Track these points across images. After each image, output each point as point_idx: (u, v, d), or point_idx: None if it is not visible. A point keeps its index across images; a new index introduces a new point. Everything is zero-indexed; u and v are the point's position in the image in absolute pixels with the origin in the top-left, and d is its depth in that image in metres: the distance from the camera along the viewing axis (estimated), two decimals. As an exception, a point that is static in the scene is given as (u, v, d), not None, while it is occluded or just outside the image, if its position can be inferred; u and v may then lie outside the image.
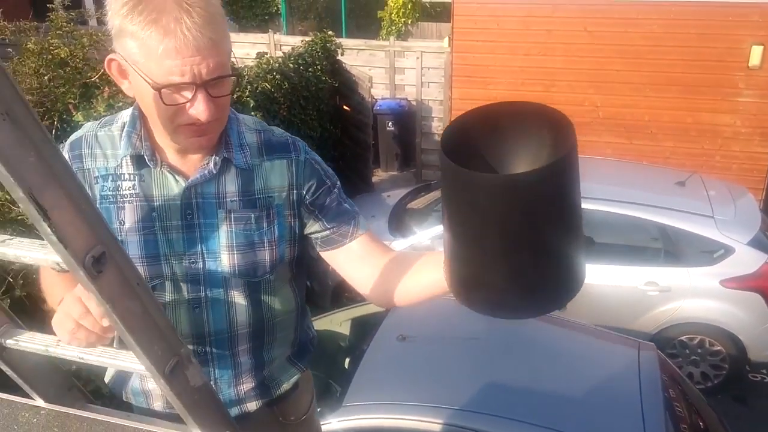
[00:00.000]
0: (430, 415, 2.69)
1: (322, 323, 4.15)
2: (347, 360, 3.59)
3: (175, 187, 1.22)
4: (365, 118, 7.42)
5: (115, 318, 0.83)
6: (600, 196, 4.93)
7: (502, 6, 7.44)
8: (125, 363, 1.00)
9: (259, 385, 1.41)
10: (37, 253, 0.80)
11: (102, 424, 1.14)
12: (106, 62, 1.14)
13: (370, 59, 8.48)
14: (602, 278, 4.68)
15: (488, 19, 7.44)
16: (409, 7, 12.15)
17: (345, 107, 7.50)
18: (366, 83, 7.19)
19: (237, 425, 1.25)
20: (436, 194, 6.04)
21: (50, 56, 4.02)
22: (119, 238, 1.21)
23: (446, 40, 8.20)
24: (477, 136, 0.96)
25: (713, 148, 7.02)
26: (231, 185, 1.25)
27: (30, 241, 0.83)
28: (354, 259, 1.33)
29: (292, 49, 6.90)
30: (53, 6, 4.43)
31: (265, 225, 1.27)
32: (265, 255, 1.28)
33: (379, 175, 8.69)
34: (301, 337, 1.48)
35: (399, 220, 5.57)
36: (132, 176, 1.21)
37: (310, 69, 6.58)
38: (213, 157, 1.22)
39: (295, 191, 1.29)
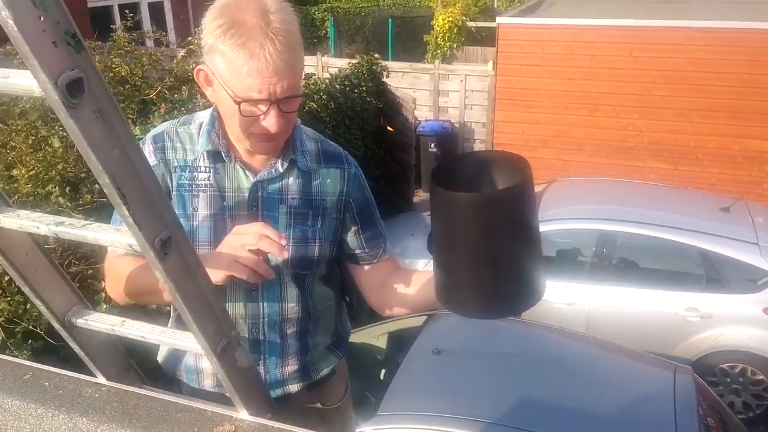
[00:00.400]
0: (462, 427, 2.74)
1: (360, 336, 4.24)
2: (383, 372, 3.67)
3: (245, 181, 1.38)
4: (408, 139, 7.54)
5: (177, 296, 0.95)
6: (642, 220, 4.92)
7: (547, 30, 7.51)
8: (181, 342, 1.12)
9: (301, 368, 1.52)
10: (113, 236, 0.92)
11: (157, 401, 1.26)
12: (195, 71, 1.31)
13: (414, 82, 8.63)
14: (642, 303, 4.66)
15: (533, 43, 7.52)
16: (455, 31, 12.30)
17: (389, 128, 7.65)
18: (410, 104, 7.33)
19: (278, 408, 1.36)
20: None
21: (112, 74, 4.26)
22: (192, 223, 1.36)
23: (490, 63, 8.30)
24: (459, 171, 1.17)
25: (760, 175, 6.91)
26: (293, 185, 1.40)
27: (106, 226, 0.95)
28: (375, 278, 1.50)
29: (339, 70, 7.09)
30: (116, 27, 4.69)
31: (318, 223, 1.43)
32: (315, 250, 1.43)
33: (420, 196, 8.78)
34: (339, 329, 1.62)
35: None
36: (207, 169, 1.36)
37: (355, 90, 6.76)
38: (280, 158, 1.39)
39: (344, 199, 1.45)
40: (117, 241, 0.92)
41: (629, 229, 4.88)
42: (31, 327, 2.79)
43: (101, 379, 1.31)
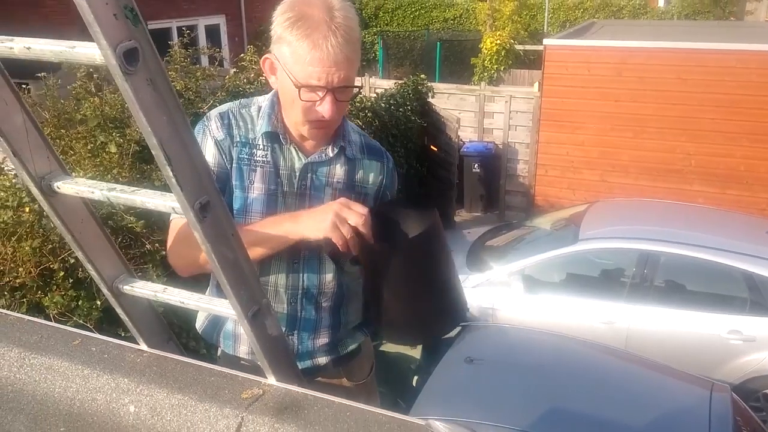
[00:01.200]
0: (491, 432, 2.77)
1: (394, 346, 4.29)
2: (415, 378, 3.72)
3: (297, 161, 1.50)
4: (451, 158, 7.62)
5: (213, 258, 1.05)
6: (685, 241, 4.87)
7: (595, 52, 7.53)
8: (217, 307, 1.22)
9: (331, 342, 1.62)
10: (158, 200, 1.03)
11: (192, 366, 1.36)
12: (261, 60, 1.45)
13: (460, 103, 8.73)
14: (683, 324, 4.60)
15: (579, 65, 7.54)
16: (503, 54, 12.40)
17: (432, 147, 7.75)
18: (453, 124, 7.42)
19: (305, 379, 1.45)
20: (517, 233, 6.11)
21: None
22: (248, 195, 1.48)
23: (536, 84, 8.34)
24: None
25: (813, 201, 6.74)
26: (340, 170, 1.53)
27: (153, 192, 1.07)
28: None
29: (385, 90, 7.25)
30: (173, 43, 4.94)
31: None
32: None
33: (462, 216, 8.83)
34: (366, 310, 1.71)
35: (477, 256, 5.67)
36: (265, 147, 1.49)
37: (400, 109, 6.90)
38: (330, 145, 1.51)
39: (382, 190, 1.60)
40: (161, 204, 1.03)
41: (672, 250, 4.83)
42: (81, 321, 2.95)
43: (143, 346, 1.43)
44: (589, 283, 5.14)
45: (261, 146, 1.49)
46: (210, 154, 1.46)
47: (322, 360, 1.62)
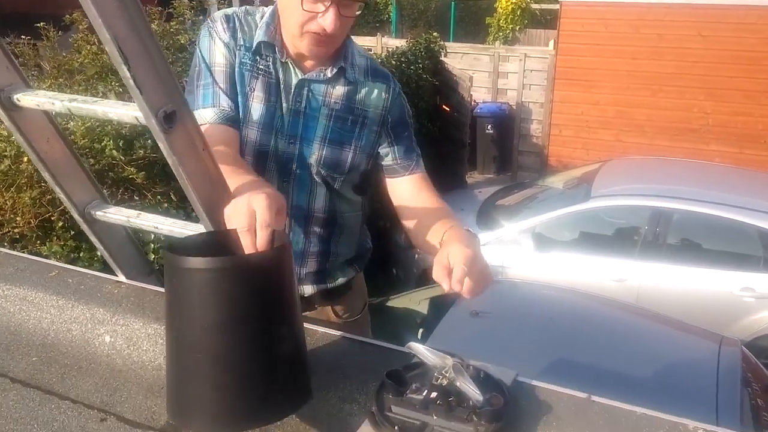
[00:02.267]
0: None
1: (401, 302, 4.28)
2: (420, 332, 3.70)
3: (293, 77, 1.43)
4: (463, 118, 7.50)
5: (181, 173, 1.00)
6: (699, 198, 4.76)
7: (612, 9, 7.31)
8: (192, 232, 1.17)
9: (319, 272, 1.58)
10: (120, 110, 0.98)
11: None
12: None
13: (474, 63, 8.56)
14: (695, 282, 4.52)
15: (596, 22, 7.34)
16: (518, 13, 12.13)
17: (444, 106, 7.62)
18: (466, 83, 7.29)
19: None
20: (529, 192, 6.03)
21: (171, 41, 4.41)
22: (248, 103, 1.42)
23: (551, 42, 8.15)
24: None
25: (833, 160, 6.56)
26: (338, 91, 1.45)
27: (114, 102, 1.01)
28: (405, 191, 1.50)
29: (396, 48, 7.11)
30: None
31: (356, 131, 1.47)
32: (348, 156, 1.47)
33: (474, 178, 8.72)
34: (361, 243, 1.67)
35: (487, 215, 5.60)
36: (266, 57, 1.43)
37: (411, 67, 6.76)
38: (330, 65, 1.42)
39: (384, 113, 1.50)
40: (124, 113, 0.98)
41: (686, 207, 4.73)
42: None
43: (121, 278, 1.39)
44: (601, 241, 5.06)
45: (263, 54, 1.42)
46: (220, 54, 1.39)
47: (308, 289, 1.58)
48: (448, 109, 7.64)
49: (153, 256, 2.81)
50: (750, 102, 6.81)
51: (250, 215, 0.95)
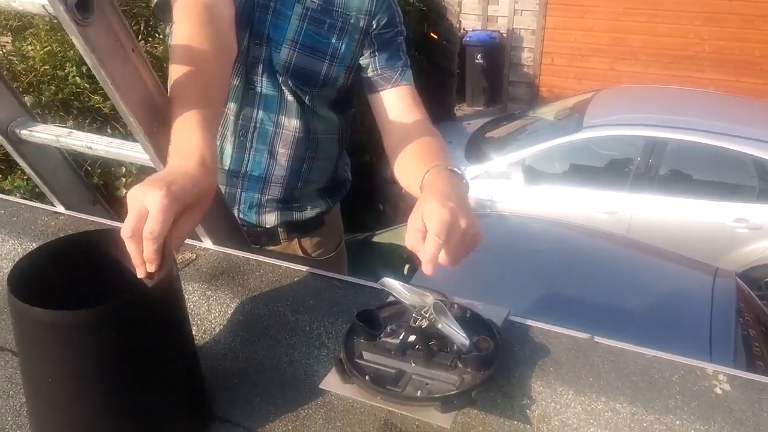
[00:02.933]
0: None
1: (387, 237, 4.15)
2: (407, 267, 3.59)
3: None
4: (452, 46, 7.22)
5: (104, 78, 0.83)
6: (694, 127, 4.61)
7: (607, -71, 6.95)
8: (130, 152, 1.01)
9: (284, 199, 1.40)
10: None
11: (117, 230, 1.18)
12: None
13: (462, -12, 8.18)
14: (688, 213, 4.42)
15: (591, -57, 6.98)
16: (509, -63, 11.60)
17: (432, 34, 7.32)
18: (455, 8, 6.97)
19: (250, 244, 1.26)
20: (518, 123, 5.84)
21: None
22: None
23: (543, -34, 7.77)
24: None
25: (831, 87, 6.39)
26: None
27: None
28: (386, 107, 1.30)
29: (380, -29, 6.74)
30: None
31: (334, 38, 1.27)
32: (322, 67, 1.28)
33: (463, 110, 8.48)
34: (338, 172, 1.49)
35: (476, 148, 5.43)
36: None
37: (397, -9, 6.43)
38: None
39: (368, 18, 1.29)
40: (28, 1, 0.80)
41: (680, 136, 4.57)
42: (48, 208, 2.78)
43: (60, 208, 1.23)
44: (592, 173, 4.93)
45: None
46: None
47: (271, 219, 1.41)
48: (435, 36, 7.33)
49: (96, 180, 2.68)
50: (748, 27, 6.56)
51: (138, 216, 0.74)
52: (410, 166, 1.15)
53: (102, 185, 3.37)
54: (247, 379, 0.93)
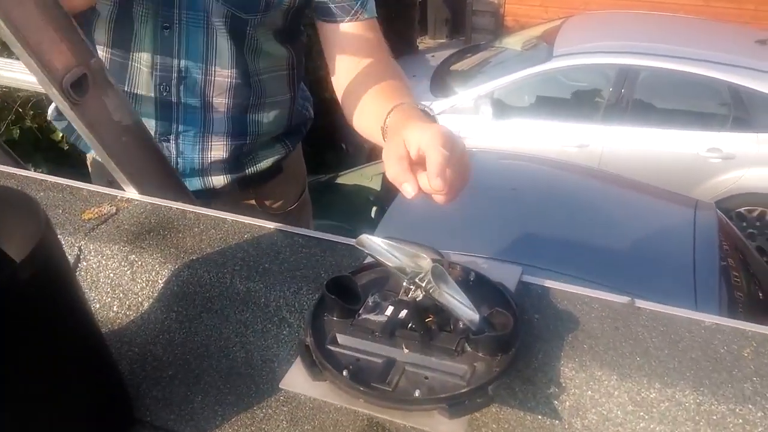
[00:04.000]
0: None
1: (351, 178, 3.93)
2: (374, 209, 3.38)
3: None
4: (412, -27, 6.83)
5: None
6: (668, 54, 4.43)
7: None
8: (12, 74, 0.75)
9: (231, 157, 1.14)
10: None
11: (14, 177, 0.93)
12: None
13: None
14: (660, 144, 4.29)
15: None
16: None
17: (391, -39, 6.90)
18: (414, -67, 6.55)
19: (191, 195, 1.02)
20: (485, 55, 5.60)
21: None
22: None
23: None
24: None
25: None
26: None
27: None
28: (345, 44, 1.05)
29: None
30: None
31: None
32: None
33: (426, 43, 8.15)
34: (295, 114, 1.22)
35: (441, 82, 5.20)
36: None
37: None
38: None
39: None
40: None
41: (654, 63, 4.40)
42: None
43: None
44: (563, 105, 4.76)
45: None
46: None
47: (219, 181, 1.14)
48: (395, -36, 6.93)
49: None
50: (717, -51, 6.33)
51: None
52: (370, 109, 0.94)
53: (36, 129, 3.06)
54: (185, 370, 0.72)
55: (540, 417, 0.62)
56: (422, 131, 0.68)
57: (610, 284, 2.39)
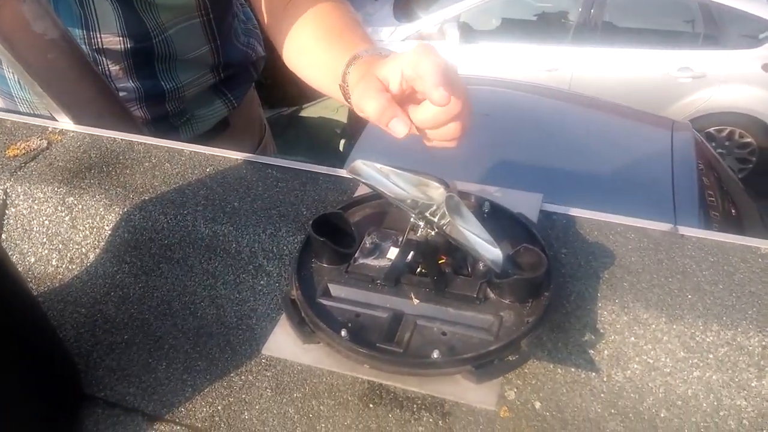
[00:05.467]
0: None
1: (316, 110, 3.74)
2: (342, 142, 3.24)
3: None
4: None
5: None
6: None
7: None
8: None
9: (158, 123, 0.95)
10: None
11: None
12: None
13: None
14: (631, 65, 4.20)
15: None
16: None
17: None
18: None
19: (138, 123, 0.87)
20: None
21: None
22: None
23: None
24: None
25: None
26: None
27: None
28: None
29: None
30: None
31: None
32: None
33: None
34: (230, 54, 1.01)
35: (405, 6, 4.99)
36: None
37: None
38: None
39: None
40: None
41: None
42: None
43: None
44: (531, 27, 4.62)
45: None
46: None
47: None
48: None
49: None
50: None
51: None
52: (320, 60, 0.73)
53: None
54: (143, 332, 0.60)
55: (573, 370, 0.53)
56: (399, 56, 0.54)
57: (591, 208, 2.35)
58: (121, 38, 0.84)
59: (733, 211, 2.90)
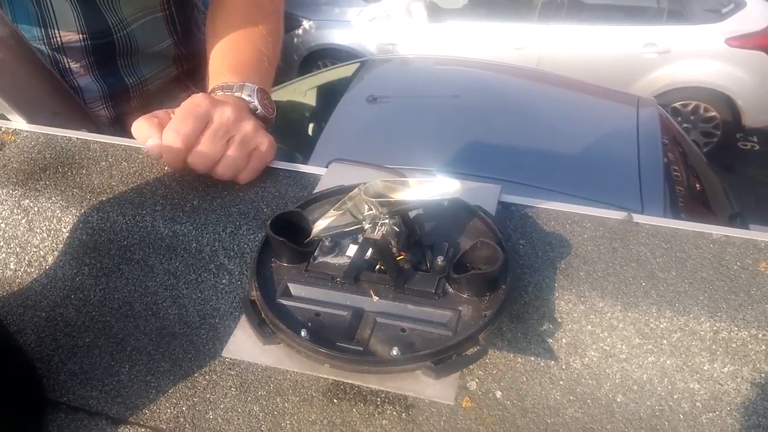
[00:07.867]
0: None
1: (284, 93, 3.71)
2: (311, 126, 3.22)
3: None
4: None
5: None
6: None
7: None
8: None
9: (122, 118, 0.95)
10: None
11: None
12: None
13: None
14: (597, 42, 4.24)
15: None
16: None
17: None
18: None
19: (94, 121, 0.86)
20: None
21: None
22: None
23: None
24: None
25: None
26: None
27: None
28: None
29: None
30: None
31: None
32: None
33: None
34: (192, 45, 1.01)
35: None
36: None
37: None
38: None
39: None
40: None
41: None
42: None
43: None
44: (498, 5, 4.62)
45: None
46: None
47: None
48: None
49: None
50: None
51: None
52: (210, 67, 0.78)
53: None
54: (105, 335, 0.59)
55: (533, 359, 0.54)
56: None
57: (557, 189, 2.36)
58: (81, 35, 0.83)
59: (697, 185, 2.96)
